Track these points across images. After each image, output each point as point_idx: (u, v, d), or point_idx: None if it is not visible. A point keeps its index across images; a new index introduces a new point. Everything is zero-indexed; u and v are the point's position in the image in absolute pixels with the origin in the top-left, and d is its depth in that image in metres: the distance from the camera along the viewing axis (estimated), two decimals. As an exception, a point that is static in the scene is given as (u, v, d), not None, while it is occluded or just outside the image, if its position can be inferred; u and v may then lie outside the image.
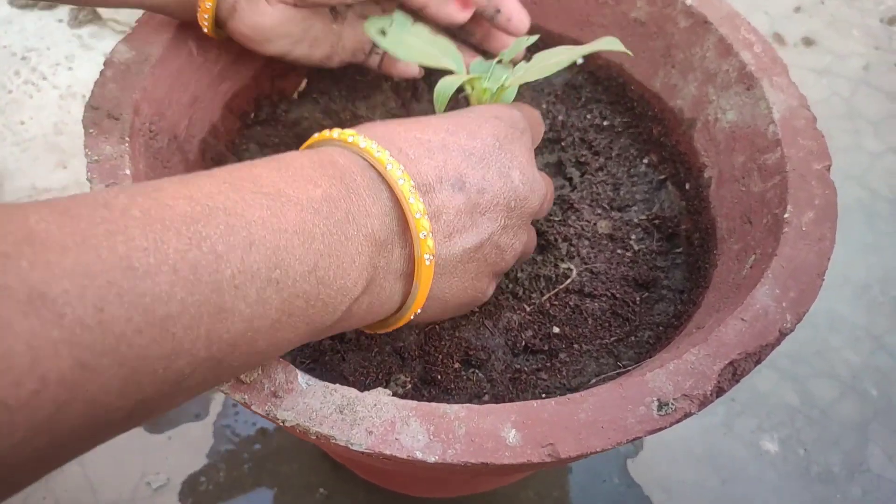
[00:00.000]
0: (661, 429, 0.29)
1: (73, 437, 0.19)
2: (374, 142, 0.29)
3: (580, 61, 0.52)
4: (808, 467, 0.64)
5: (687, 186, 0.45)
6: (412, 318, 0.32)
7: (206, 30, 0.39)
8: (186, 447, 0.63)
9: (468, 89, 0.39)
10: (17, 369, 0.17)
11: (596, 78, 0.51)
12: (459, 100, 0.46)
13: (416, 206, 0.28)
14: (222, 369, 0.23)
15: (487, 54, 0.45)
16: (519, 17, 0.43)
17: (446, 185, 0.30)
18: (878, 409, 0.67)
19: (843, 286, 0.75)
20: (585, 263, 0.43)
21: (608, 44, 0.38)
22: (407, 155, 0.29)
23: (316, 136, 0.31)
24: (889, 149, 0.87)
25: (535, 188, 0.34)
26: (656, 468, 0.64)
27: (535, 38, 0.41)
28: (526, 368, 0.39)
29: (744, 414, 0.67)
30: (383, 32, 0.40)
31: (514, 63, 0.41)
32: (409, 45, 0.39)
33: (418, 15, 0.42)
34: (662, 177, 0.47)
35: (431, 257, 0.29)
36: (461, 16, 0.41)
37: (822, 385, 0.69)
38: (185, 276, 0.20)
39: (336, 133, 0.30)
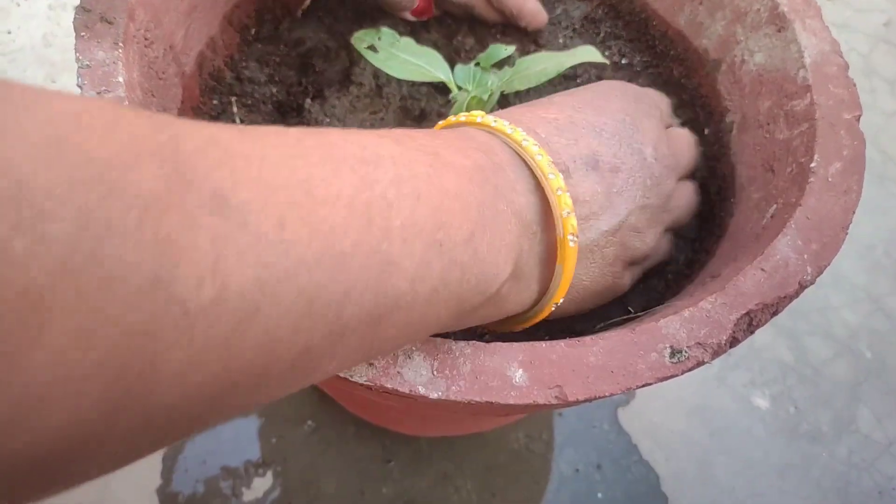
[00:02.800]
0: (672, 376, 0.28)
1: (242, 375, 0.17)
2: (505, 121, 0.27)
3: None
4: (797, 425, 0.64)
5: (706, 131, 0.44)
6: (553, 309, 0.29)
7: None
8: (174, 374, 0.63)
9: (455, 96, 0.41)
10: (201, 266, 0.15)
11: (617, 12, 0.49)
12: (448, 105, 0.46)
13: (556, 181, 0.26)
14: (375, 337, 0.21)
15: (463, 58, 0.46)
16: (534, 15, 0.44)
17: (580, 164, 0.28)
18: (870, 370, 0.67)
19: (847, 245, 0.73)
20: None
21: (588, 54, 0.41)
22: (537, 133, 0.28)
23: (441, 122, 0.30)
24: (903, 110, 0.85)
25: (670, 165, 0.32)
26: (646, 417, 0.64)
27: (512, 48, 0.43)
28: (529, 310, 0.38)
29: (737, 368, 0.66)
30: (373, 48, 0.41)
31: (498, 67, 0.44)
32: (400, 62, 0.41)
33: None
34: (681, 120, 0.45)
35: (575, 238, 0.27)
36: (411, 18, 0.42)
37: (818, 343, 0.68)
38: (360, 214, 0.19)
39: (463, 117, 0.29)
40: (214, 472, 0.59)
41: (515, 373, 0.27)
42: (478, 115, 0.28)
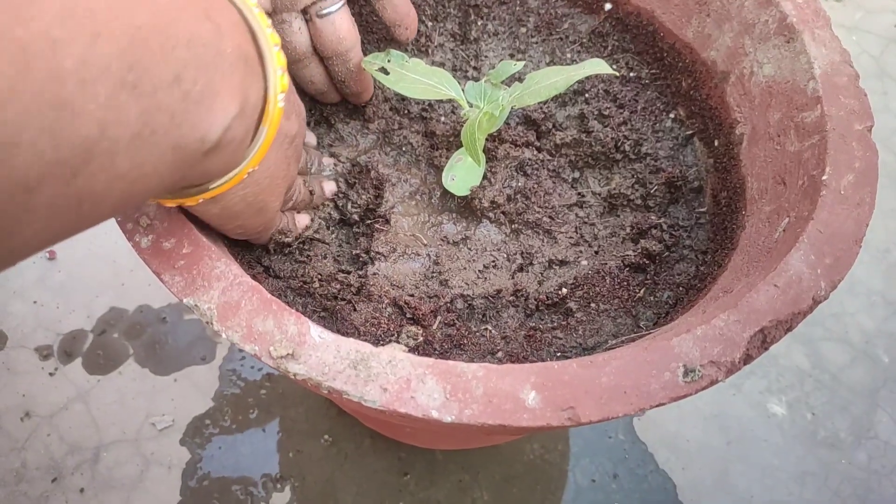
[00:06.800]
0: (685, 396, 0.28)
1: None
2: None
3: (608, 6, 0.49)
4: (814, 431, 0.64)
5: (716, 143, 0.43)
6: (245, 177, 0.28)
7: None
8: (192, 390, 0.63)
9: (466, 112, 0.42)
10: None
11: (624, 25, 0.49)
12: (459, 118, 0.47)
13: (273, 37, 0.26)
14: (79, 188, 0.20)
15: (473, 76, 0.48)
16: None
17: None
18: (888, 375, 0.67)
19: (861, 250, 0.73)
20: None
21: (597, 66, 0.41)
22: None
23: None
24: (917, 110, 0.85)
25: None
26: (662, 426, 0.64)
27: (521, 63, 0.44)
28: (541, 326, 0.38)
29: (753, 375, 0.66)
30: (384, 71, 0.42)
31: (507, 84, 0.44)
32: (411, 82, 0.42)
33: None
34: (689, 133, 0.46)
35: (284, 97, 0.27)
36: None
37: (834, 349, 0.68)
38: (11, 56, 0.17)
39: None
40: (233, 487, 0.59)
41: (528, 395, 0.27)
42: None
